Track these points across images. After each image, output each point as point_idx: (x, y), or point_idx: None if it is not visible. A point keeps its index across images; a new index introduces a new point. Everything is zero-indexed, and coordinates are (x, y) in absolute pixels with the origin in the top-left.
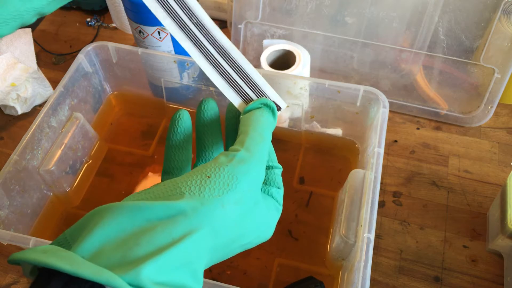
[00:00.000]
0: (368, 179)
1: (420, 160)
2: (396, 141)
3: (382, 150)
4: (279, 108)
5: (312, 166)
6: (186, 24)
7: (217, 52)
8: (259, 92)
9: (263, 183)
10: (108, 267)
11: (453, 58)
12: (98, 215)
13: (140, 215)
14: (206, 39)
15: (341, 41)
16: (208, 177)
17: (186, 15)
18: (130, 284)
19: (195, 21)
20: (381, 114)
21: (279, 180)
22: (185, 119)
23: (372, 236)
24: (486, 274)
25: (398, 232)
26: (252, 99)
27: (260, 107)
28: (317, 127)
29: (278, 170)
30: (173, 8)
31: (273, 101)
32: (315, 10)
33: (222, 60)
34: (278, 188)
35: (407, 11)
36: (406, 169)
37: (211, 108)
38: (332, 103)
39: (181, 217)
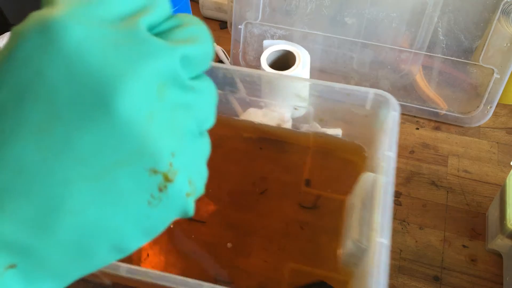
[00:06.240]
0: (379, 183)
1: (420, 160)
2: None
3: (393, 154)
4: None
5: (319, 169)
6: None
7: None
8: None
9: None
10: None
11: (453, 58)
12: None
13: None
14: None
15: (341, 42)
16: None
17: None
18: None
19: None
20: (391, 118)
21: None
22: None
23: (386, 241)
24: (486, 274)
25: (397, 231)
26: None
27: None
28: (316, 127)
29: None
30: None
31: None
32: (315, 11)
33: None
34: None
35: (406, 12)
36: (405, 169)
37: None
38: (340, 106)
39: None
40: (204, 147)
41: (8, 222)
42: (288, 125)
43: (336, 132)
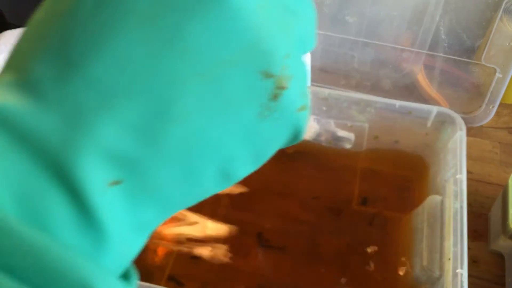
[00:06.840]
0: (451, 208)
1: None
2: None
3: (464, 177)
4: None
5: (373, 186)
6: None
7: None
8: None
9: None
10: None
11: (455, 57)
12: None
13: None
14: None
15: (342, 41)
16: None
17: None
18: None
19: None
20: (458, 138)
21: None
22: None
23: (465, 272)
24: (488, 275)
25: None
26: None
27: None
28: (330, 125)
29: None
30: None
31: None
32: (315, 9)
33: None
34: None
35: (408, 10)
36: None
37: None
38: (399, 122)
39: None
40: (306, 69)
41: (114, 127)
42: (314, 131)
43: (349, 136)
